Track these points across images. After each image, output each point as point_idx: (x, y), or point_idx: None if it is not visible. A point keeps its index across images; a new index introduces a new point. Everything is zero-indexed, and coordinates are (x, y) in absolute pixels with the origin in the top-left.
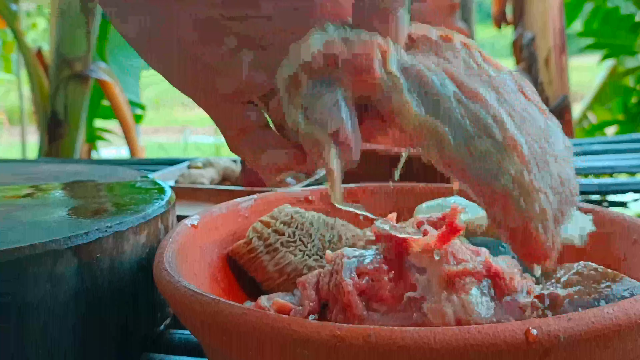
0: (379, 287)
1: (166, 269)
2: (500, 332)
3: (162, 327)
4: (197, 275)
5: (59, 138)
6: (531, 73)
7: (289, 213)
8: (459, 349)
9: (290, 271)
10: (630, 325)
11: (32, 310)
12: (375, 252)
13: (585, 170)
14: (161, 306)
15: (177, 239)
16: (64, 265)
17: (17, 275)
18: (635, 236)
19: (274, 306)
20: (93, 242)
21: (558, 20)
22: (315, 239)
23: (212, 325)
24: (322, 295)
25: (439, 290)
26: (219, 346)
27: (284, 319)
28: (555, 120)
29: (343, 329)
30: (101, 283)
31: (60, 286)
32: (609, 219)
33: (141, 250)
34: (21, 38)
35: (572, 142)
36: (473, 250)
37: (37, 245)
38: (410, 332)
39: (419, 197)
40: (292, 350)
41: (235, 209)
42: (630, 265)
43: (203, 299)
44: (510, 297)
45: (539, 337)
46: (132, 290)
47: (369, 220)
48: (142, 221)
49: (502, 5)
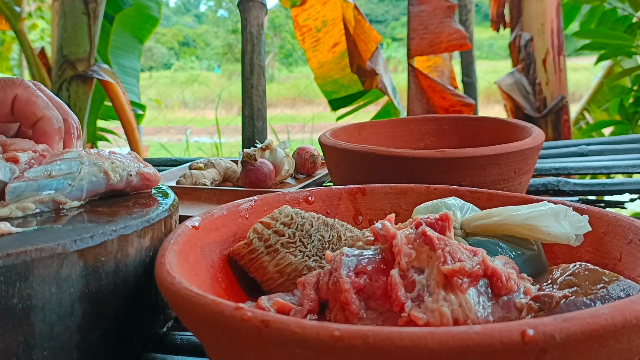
0: (377, 287)
1: (167, 270)
2: (496, 332)
3: (164, 328)
4: (198, 276)
5: None
6: (529, 74)
7: (289, 214)
8: (456, 349)
9: (290, 272)
10: (625, 326)
11: (38, 311)
12: (374, 252)
13: (581, 170)
14: (164, 308)
15: (178, 240)
16: (70, 268)
17: (23, 277)
18: (631, 236)
19: (274, 306)
20: (98, 245)
21: (555, 21)
22: (315, 239)
23: (213, 326)
24: (321, 294)
25: (437, 290)
26: (220, 346)
27: (284, 320)
28: None
29: (342, 329)
30: (106, 285)
31: (66, 288)
32: (605, 219)
33: (145, 253)
34: (24, 39)
35: (569, 143)
36: (470, 250)
37: (43, 248)
38: (408, 332)
39: (418, 198)
40: (291, 350)
41: (235, 210)
42: (625, 265)
43: (203, 300)
44: (507, 297)
45: (535, 337)
46: (136, 293)
47: (368, 221)
48: (146, 224)
49: (500, 7)
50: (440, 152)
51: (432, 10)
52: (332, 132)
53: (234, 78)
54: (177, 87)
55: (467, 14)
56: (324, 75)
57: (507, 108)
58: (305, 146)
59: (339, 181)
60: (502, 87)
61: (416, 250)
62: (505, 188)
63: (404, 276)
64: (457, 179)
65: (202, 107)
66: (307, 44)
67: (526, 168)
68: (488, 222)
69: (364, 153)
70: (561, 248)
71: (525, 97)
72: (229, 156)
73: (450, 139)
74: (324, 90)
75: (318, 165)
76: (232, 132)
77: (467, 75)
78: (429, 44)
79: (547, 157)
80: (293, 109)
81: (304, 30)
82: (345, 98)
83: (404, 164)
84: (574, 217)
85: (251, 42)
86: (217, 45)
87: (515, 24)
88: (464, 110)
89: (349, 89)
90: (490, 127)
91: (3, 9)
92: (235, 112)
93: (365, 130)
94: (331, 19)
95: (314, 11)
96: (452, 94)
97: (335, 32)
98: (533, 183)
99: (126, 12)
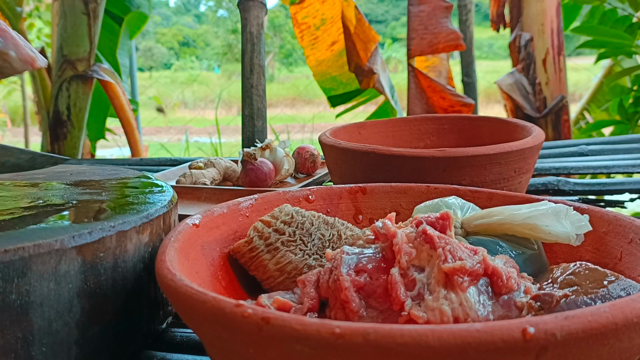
0: (377, 285)
1: (168, 267)
2: (497, 329)
3: (164, 325)
4: (198, 274)
5: (62, 138)
6: (529, 74)
7: (290, 212)
8: (457, 347)
9: (290, 270)
10: (626, 324)
11: (37, 307)
12: (375, 250)
13: (582, 170)
14: (163, 304)
15: (179, 237)
16: (68, 264)
17: (21, 273)
18: (632, 236)
19: (275, 304)
20: (96, 241)
21: (555, 21)
22: (316, 238)
23: (213, 323)
24: (321, 292)
25: (437, 288)
26: (220, 343)
27: (284, 317)
28: None
29: (343, 326)
30: (104, 281)
31: (64, 284)
32: (605, 218)
33: (144, 249)
34: (25, 39)
35: (569, 143)
36: (471, 249)
37: (41, 244)
38: (409, 329)
39: (418, 197)
40: (292, 347)
41: (236, 208)
42: (626, 265)
43: (204, 297)
44: (507, 296)
45: (536, 334)
46: (135, 289)
47: (369, 220)
48: (144, 221)
49: (500, 7)
50: (441, 152)
51: (431, 11)
52: (332, 131)
53: (234, 78)
54: (177, 87)
55: (467, 14)
56: (323, 72)
57: (507, 108)
58: (305, 146)
59: (339, 180)
60: (502, 87)
61: (416, 248)
62: (505, 187)
63: (404, 275)
64: (457, 178)
65: (202, 107)
66: (305, 42)
67: (526, 167)
68: (488, 221)
69: (364, 152)
70: (562, 247)
71: (525, 97)
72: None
73: (450, 139)
74: (323, 87)
75: (318, 164)
76: (232, 132)
77: (467, 75)
78: (428, 44)
79: (547, 156)
80: (293, 109)
81: (302, 27)
82: (344, 95)
83: (404, 163)
84: (574, 216)
85: (251, 42)
86: (217, 45)
87: (515, 24)
88: (463, 111)
89: (347, 86)
90: (490, 126)
91: (4, 8)
92: (235, 112)
93: (366, 129)
94: (330, 18)
95: (312, 9)
96: (452, 94)
97: (334, 30)
98: (533, 182)
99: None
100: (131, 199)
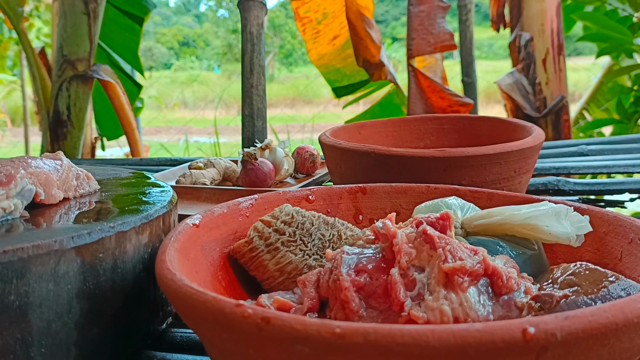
0: (377, 285)
1: (168, 267)
2: (498, 329)
3: (164, 325)
4: (198, 274)
5: (62, 138)
6: (529, 74)
7: (290, 212)
8: (457, 347)
9: (290, 270)
10: (627, 324)
11: (36, 308)
12: (375, 251)
13: (582, 170)
14: (163, 305)
15: (179, 237)
16: (67, 265)
17: (20, 274)
18: (632, 236)
19: (275, 304)
20: (96, 241)
21: (555, 21)
22: (316, 238)
23: (213, 323)
24: (321, 293)
25: (437, 288)
26: (220, 343)
27: (284, 317)
28: None
29: (343, 326)
30: (104, 282)
31: (63, 285)
32: (605, 219)
33: (143, 250)
34: (25, 39)
35: (569, 143)
36: (471, 249)
37: (40, 245)
38: (409, 329)
39: (418, 197)
40: (292, 347)
41: (236, 208)
42: (626, 265)
43: (204, 297)
44: (507, 296)
45: (536, 334)
46: (135, 290)
47: (369, 220)
48: (144, 221)
49: (500, 7)
50: (441, 152)
51: (430, 11)
52: (332, 131)
53: (234, 78)
54: (177, 87)
55: (467, 14)
56: (326, 65)
57: (507, 108)
58: (304, 146)
59: (339, 180)
60: (502, 87)
61: (417, 249)
62: (505, 187)
63: (404, 275)
64: (457, 178)
65: (202, 107)
66: (307, 35)
67: (526, 167)
68: (489, 222)
69: (364, 152)
70: (562, 248)
71: (525, 97)
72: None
73: (450, 139)
74: (327, 78)
75: (318, 164)
76: (231, 132)
77: (467, 75)
78: (428, 44)
79: (547, 156)
80: (293, 109)
81: (304, 21)
82: (349, 87)
83: (404, 163)
84: (574, 217)
85: (251, 41)
86: (217, 45)
87: (515, 24)
88: (461, 110)
89: (351, 78)
90: (490, 126)
91: (5, 8)
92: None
93: (365, 129)
94: (331, 12)
95: (314, 4)
96: (451, 94)
97: (336, 25)
98: (533, 182)
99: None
100: (130, 199)
